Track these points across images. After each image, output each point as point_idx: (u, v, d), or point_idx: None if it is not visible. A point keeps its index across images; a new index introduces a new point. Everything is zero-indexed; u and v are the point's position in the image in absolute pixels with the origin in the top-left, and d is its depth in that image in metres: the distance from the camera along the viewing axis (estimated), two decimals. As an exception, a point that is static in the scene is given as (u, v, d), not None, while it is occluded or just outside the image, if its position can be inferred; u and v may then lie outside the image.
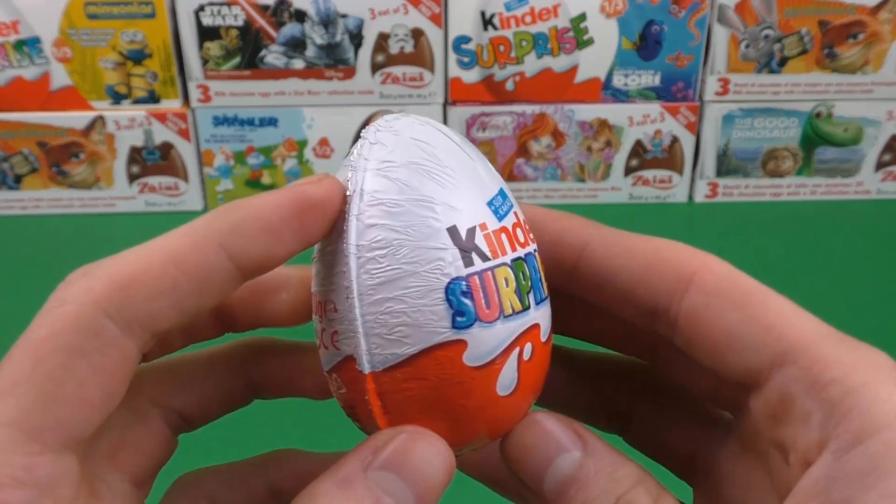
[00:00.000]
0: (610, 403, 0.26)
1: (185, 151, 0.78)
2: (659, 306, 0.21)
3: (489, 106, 0.77)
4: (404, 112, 0.23)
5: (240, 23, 0.73)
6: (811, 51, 0.76)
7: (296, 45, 0.75)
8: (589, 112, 0.78)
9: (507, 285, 0.21)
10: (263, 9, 0.73)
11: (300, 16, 0.73)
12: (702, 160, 0.80)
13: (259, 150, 0.79)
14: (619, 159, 0.79)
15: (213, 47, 0.74)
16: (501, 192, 0.22)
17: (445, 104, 0.77)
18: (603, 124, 0.78)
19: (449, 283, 0.20)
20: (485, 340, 0.20)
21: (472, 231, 0.20)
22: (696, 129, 0.79)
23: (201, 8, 0.73)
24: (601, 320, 0.25)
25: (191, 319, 0.20)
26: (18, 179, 0.79)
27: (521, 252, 0.21)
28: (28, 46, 0.74)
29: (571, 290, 0.23)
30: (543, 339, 0.22)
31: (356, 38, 0.74)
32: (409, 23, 0.74)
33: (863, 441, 0.18)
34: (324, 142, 0.78)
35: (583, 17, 0.74)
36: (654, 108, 0.78)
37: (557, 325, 0.23)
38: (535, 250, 0.22)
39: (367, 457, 0.20)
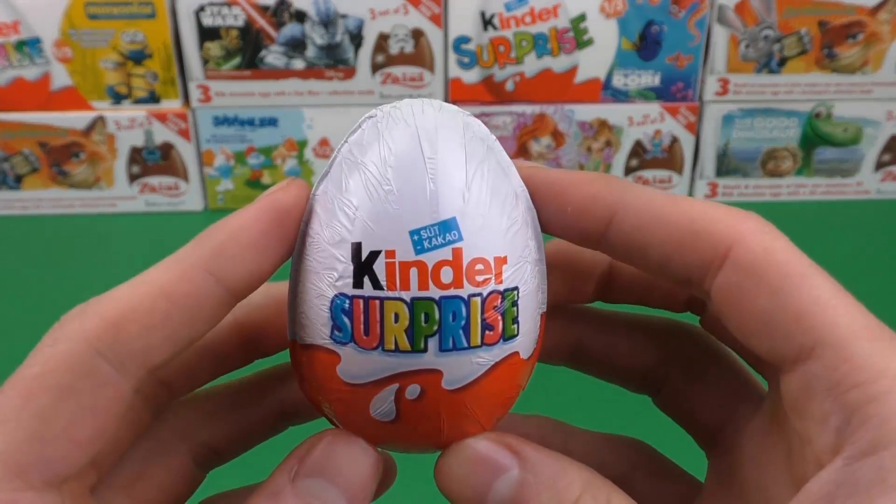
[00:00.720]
0: (645, 366, 0.25)
1: (186, 151, 0.78)
2: (693, 278, 0.20)
3: (489, 106, 0.77)
4: (433, 100, 0.22)
5: (240, 23, 0.73)
6: (811, 51, 0.76)
7: (296, 46, 0.75)
8: (589, 112, 0.78)
9: (396, 321, 0.20)
10: (264, 9, 0.73)
11: (300, 16, 0.73)
12: (701, 160, 0.80)
13: (259, 150, 0.79)
14: (619, 159, 0.80)
15: (214, 47, 0.74)
16: (445, 225, 0.20)
17: (445, 104, 0.77)
18: (603, 124, 0.78)
19: (335, 295, 0.20)
20: (358, 363, 0.20)
21: (374, 255, 0.20)
22: (695, 129, 0.79)
23: (201, 8, 0.73)
24: (645, 281, 0.24)
25: (183, 351, 0.20)
26: (19, 179, 0.79)
27: (433, 294, 0.19)
28: (29, 47, 0.74)
29: (600, 250, 0.22)
30: (448, 387, 0.20)
31: (356, 39, 0.74)
32: (409, 23, 0.74)
33: (876, 452, 0.17)
34: (324, 142, 0.78)
35: (583, 17, 0.74)
36: (654, 108, 0.78)
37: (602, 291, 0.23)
38: (471, 296, 0.20)
39: (293, 466, 0.20)
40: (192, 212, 0.81)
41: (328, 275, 0.20)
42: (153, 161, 0.79)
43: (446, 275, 0.20)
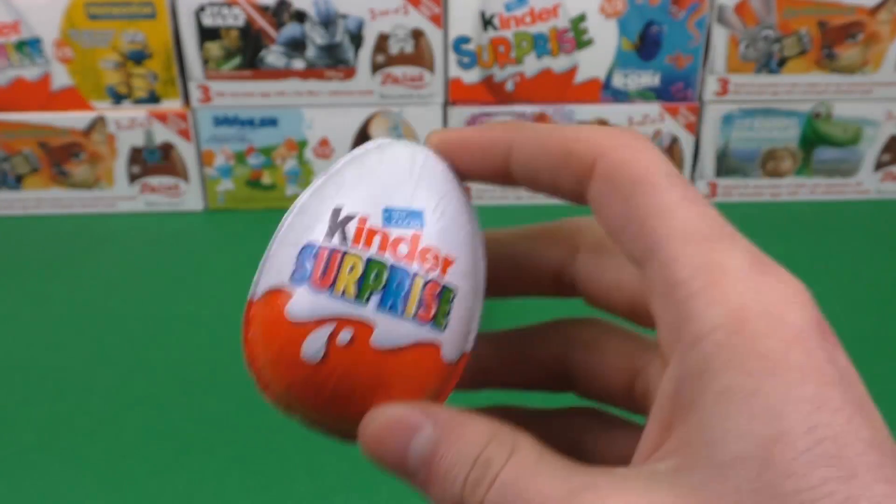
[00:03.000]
0: (546, 367, 0.27)
1: (186, 151, 0.78)
2: (577, 193, 0.22)
3: (489, 106, 0.77)
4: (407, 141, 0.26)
5: (240, 23, 0.74)
6: (810, 51, 0.76)
7: (296, 46, 0.75)
8: (589, 112, 0.78)
9: (351, 271, 0.23)
10: (264, 9, 0.73)
11: (300, 16, 0.74)
12: (701, 160, 0.80)
13: (259, 150, 0.79)
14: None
15: (214, 48, 0.74)
16: (416, 214, 0.24)
17: (445, 104, 0.78)
18: (603, 125, 0.78)
19: (307, 243, 0.24)
20: (306, 301, 0.23)
21: (349, 217, 0.24)
22: (695, 129, 0.79)
23: (202, 8, 0.73)
24: (525, 276, 0.27)
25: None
26: (19, 179, 0.79)
27: (389, 260, 0.23)
28: (29, 47, 0.74)
29: (513, 185, 0.25)
30: (374, 344, 0.23)
31: (356, 39, 0.74)
32: (409, 23, 0.74)
33: (698, 343, 0.19)
34: (324, 142, 0.78)
35: (582, 17, 0.74)
36: (654, 108, 0.78)
37: (495, 288, 0.26)
38: (416, 273, 0.23)
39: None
40: (192, 212, 0.81)
41: (307, 231, 0.24)
42: (153, 161, 0.79)
43: (402, 249, 0.23)
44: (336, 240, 0.23)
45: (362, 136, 0.78)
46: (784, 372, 0.18)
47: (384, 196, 0.24)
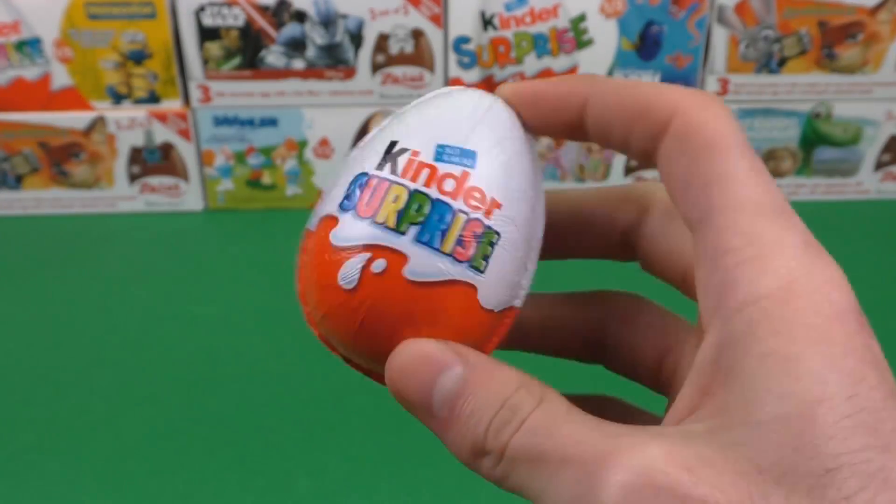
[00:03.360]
0: (583, 335, 0.27)
1: (186, 151, 0.78)
2: (648, 151, 0.22)
3: (489, 106, 0.77)
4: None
5: (240, 23, 0.74)
6: (810, 51, 0.76)
7: (296, 46, 0.75)
8: (589, 112, 0.78)
9: (395, 202, 0.23)
10: (264, 9, 0.73)
11: (300, 16, 0.74)
12: (701, 160, 0.80)
13: (259, 150, 0.79)
14: (619, 159, 0.80)
15: (214, 47, 0.74)
16: (469, 154, 0.24)
17: (445, 104, 0.77)
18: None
19: (360, 173, 0.24)
20: (349, 228, 0.23)
21: (402, 151, 0.24)
22: (695, 129, 0.79)
23: (202, 8, 0.73)
24: (593, 235, 0.27)
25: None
26: (19, 179, 0.79)
27: (433, 194, 0.23)
28: (29, 47, 0.74)
29: (584, 140, 0.24)
30: (408, 276, 0.23)
31: (356, 39, 0.74)
32: (409, 23, 0.74)
33: (743, 309, 0.19)
34: (324, 142, 0.78)
35: (582, 17, 0.74)
36: (654, 108, 0.78)
37: (560, 248, 0.26)
38: (460, 210, 0.23)
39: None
40: (192, 212, 0.81)
41: (364, 162, 0.24)
42: (153, 161, 0.79)
43: (448, 185, 0.23)
44: (386, 171, 0.24)
45: (362, 136, 0.78)
46: (827, 344, 0.18)
47: (441, 134, 0.24)
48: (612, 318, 0.27)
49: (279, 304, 0.65)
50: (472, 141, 0.24)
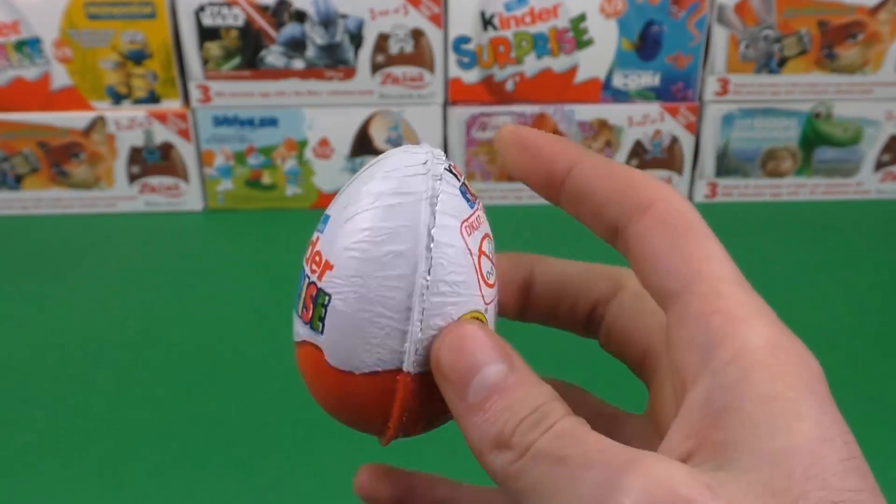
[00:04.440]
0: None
1: (186, 151, 0.78)
2: (620, 224, 0.24)
3: (489, 106, 0.77)
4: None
5: (240, 23, 0.73)
6: (810, 51, 0.76)
7: (296, 46, 0.75)
8: (589, 112, 0.78)
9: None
10: (264, 9, 0.73)
11: (300, 16, 0.74)
12: (701, 160, 0.80)
13: (259, 150, 0.79)
14: (619, 159, 0.80)
15: (214, 47, 0.74)
16: (325, 218, 0.24)
17: (445, 104, 0.78)
18: (603, 124, 0.78)
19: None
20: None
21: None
22: (695, 129, 0.79)
23: (201, 8, 0.73)
24: (567, 304, 0.29)
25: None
26: (19, 179, 0.79)
27: (303, 263, 0.25)
28: (28, 47, 0.74)
29: (559, 203, 0.26)
30: (294, 338, 0.25)
31: (356, 39, 0.74)
32: (409, 23, 0.74)
33: (737, 360, 0.20)
34: (324, 142, 0.78)
35: (582, 17, 0.74)
36: (654, 108, 0.78)
37: (536, 311, 0.27)
38: (305, 275, 0.24)
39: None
40: (192, 212, 0.81)
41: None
42: (153, 161, 0.79)
43: (307, 252, 0.25)
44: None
45: (362, 136, 0.78)
46: (818, 395, 0.20)
47: (337, 201, 0.25)
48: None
49: (279, 304, 0.65)
50: (338, 204, 0.24)
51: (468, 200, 0.24)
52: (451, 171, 0.25)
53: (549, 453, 0.21)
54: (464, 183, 0.25)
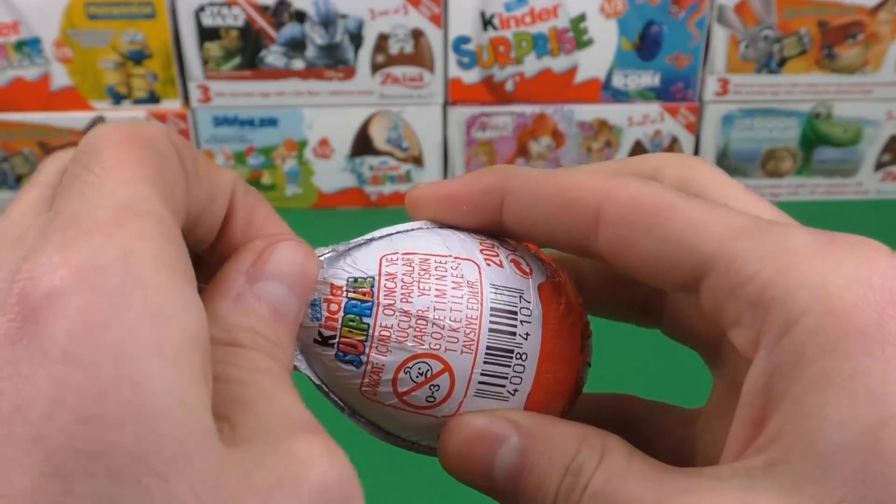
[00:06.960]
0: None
1: (186, 152, 0.78)
2: (582, 246, 0.21)
3: (489, 106, 0.77)
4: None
5: (240, 23, 0.74)
6: (810, 51, 0.76)
7: (296, 46, 0.75)
8: (589, 112, 0.78)
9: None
10: (264, 9, 0.73)
11: (300, 16, 0.74)
12: (701, 160, 0.80)
13: (259, 150, 0.79)
14: (620, 158, 0.80)
15: (214, 47, 0.74)
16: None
17: (445, 105, 0.78)
18: (602, 125, 0.78)
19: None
20: None
21: None
22: (695, 129, 0.79)
23: (201, 8, 0.73)
24: (625, 293, 0.26)
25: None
26: (19, 180, 0.79)
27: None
28: (28, 47, 0.74)
29: (512, 236, 0.23)
30: None
31: (356, 39, 0.74)
32: (408, 23, 0.74)
33: (787, 332, 0.18)
34: (324, 142, 0.78)
35: (582, 17, 0.74)
36: (654, 108, 0.78)
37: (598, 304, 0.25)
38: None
39: (249, 272, 0.20)
40: (191, 212, 0.81)
41: None
42: (153, 161, 0.78)
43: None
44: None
45: (362, 136, 0.78)
46: (882, 348, 0.17)
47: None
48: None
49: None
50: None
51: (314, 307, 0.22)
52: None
53: None
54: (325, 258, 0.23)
